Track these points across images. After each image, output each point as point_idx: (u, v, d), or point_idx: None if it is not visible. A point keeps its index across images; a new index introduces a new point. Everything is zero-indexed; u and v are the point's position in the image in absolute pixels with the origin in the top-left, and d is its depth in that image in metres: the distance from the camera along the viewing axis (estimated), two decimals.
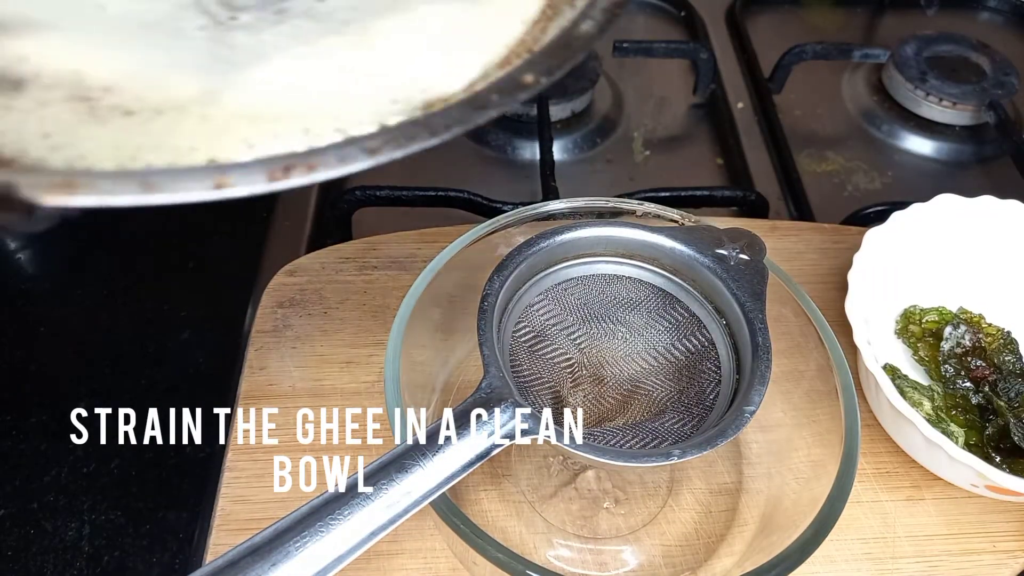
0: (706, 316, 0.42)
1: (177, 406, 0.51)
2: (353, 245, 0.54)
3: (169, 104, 0.26)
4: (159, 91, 0.27)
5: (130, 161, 0.24)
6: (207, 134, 0.25)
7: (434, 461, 0.32)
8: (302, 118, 0.26)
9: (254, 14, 0.31)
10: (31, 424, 0.50)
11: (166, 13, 0.30)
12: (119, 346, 0.54)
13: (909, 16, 0.85)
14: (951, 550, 0.43)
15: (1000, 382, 0.47)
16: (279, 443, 0.45)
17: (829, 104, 0.76)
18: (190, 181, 0.21)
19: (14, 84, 0.27)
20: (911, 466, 0.45)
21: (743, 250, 0.41)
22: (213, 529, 0.42)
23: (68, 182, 0.21)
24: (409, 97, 0.27)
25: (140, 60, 0.28)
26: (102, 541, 0.45)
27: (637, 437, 0.39)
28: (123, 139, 0.25)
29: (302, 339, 0.49)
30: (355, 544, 0.30)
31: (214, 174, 0.22)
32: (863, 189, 0.69)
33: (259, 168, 0.22)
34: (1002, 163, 0.70)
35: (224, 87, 0.27)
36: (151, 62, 0.28)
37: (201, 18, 0.30)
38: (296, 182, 0.22)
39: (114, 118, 0.26)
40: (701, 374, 0.41)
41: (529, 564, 0.33)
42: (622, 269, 0.43)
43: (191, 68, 0.28)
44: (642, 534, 0.43)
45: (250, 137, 0.25)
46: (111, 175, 0.21)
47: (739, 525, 0.43)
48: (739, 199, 0.63)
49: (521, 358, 0.41)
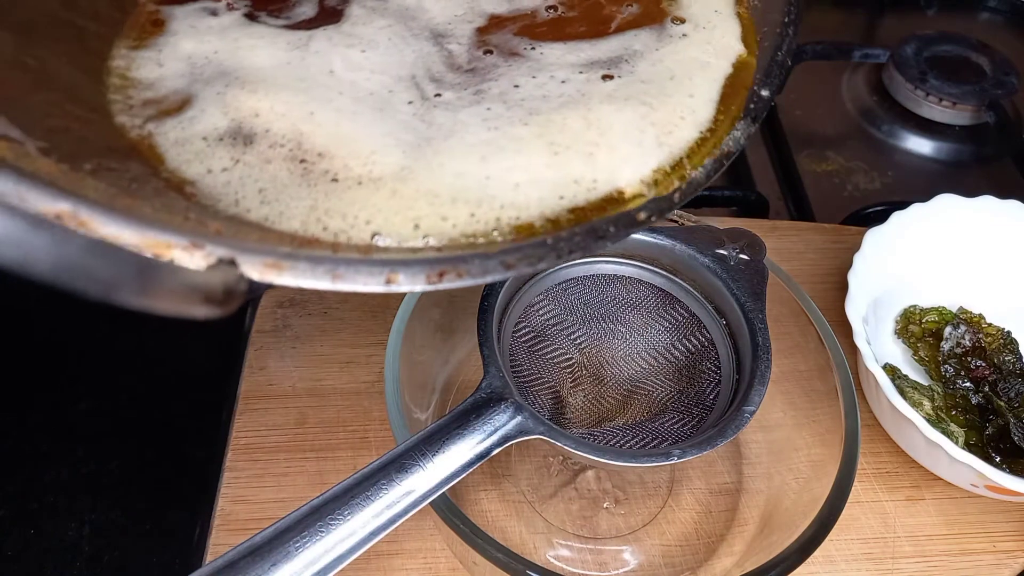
0: (706, 316, 0.42)
1: (177, 406, 0.51)
2: None
3: (369, 177, 0.29)
4: (364, 163, 0.29)
5: (314, 223, 0.27)
6: (389, 209, 0.27)
7: (434, 461, 0.32)
8: (474, 204, 0.28)
9: (457, 92, 0.32)
10: (31, 424, 0.50)
11: (383, 85, 0.32)
12: (119, 346, 0.54)
13: (909, 16, 0.85)
14: (951, 550, 0.43)
15: (1000, 382, 0.47)
16: (279, 443, 0.45)
17: (829, 104, 0.76)
18: (368, 276, 0.24)
19: (246, 139, 0.29)
20: (911, 466, 0.45)
21: (743, 250, 0.41)
22: (213, 529, 0.42)
23: (276, 264, 0.23)
24: (575, 195, 0.29)
25: (354, 130, 0.30)
26: (102, 541, 0.45)
27: (637, 437, 0.39)
28: (320, 202, 0.28)
29: (302, 339, 0.49)
30: (355, 544, 0.30)
31: (387, 271, 0.24)
32: (863, 189, 0.69)
33: (421, 270, 0.25)
34: (1002, 163, 0.70)
35: (419, 166, 0.29)
36: (364, 133, 0.30)
37: (412, 92, 0.32)
38: (445, 286, 0.25)
39: (323, 183, 0.28)
40: (701, 374, 0.42)
41: (529, 564, 0.33)
42: (622, 269, 0.43)
43: (394, 144, 0.30)
44: (642, 534, 0.43)
45: (421, 217, 0.27)
46: (310, 261, 0.24)
47: (739, 525, 0.43)
48: (739, 199, 0.63)
49: (521, 358, 0.41)
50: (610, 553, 0.43)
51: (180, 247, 0.22)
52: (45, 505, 0.46)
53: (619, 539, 0.43)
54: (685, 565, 0.42)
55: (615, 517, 0.44)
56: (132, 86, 0.32)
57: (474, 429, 0.34)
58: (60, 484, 0.47)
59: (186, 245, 0.22)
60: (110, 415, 0.50)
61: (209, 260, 0.22)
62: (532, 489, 0.45)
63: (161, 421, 0.50)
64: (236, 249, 0.23)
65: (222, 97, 0.30)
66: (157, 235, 0.22)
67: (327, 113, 0.30)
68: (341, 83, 0.32)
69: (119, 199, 0.24)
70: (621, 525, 0.43)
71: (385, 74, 0.33)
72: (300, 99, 0.30)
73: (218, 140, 0.29)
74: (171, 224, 0.23)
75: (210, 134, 0.30)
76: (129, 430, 0.50)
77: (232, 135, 0.30)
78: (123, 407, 0.51)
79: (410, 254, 0.26)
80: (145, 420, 0.50)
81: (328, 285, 0.24)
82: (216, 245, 0.22)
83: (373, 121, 0.31)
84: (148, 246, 0.21)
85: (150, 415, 0.51)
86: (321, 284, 0.24)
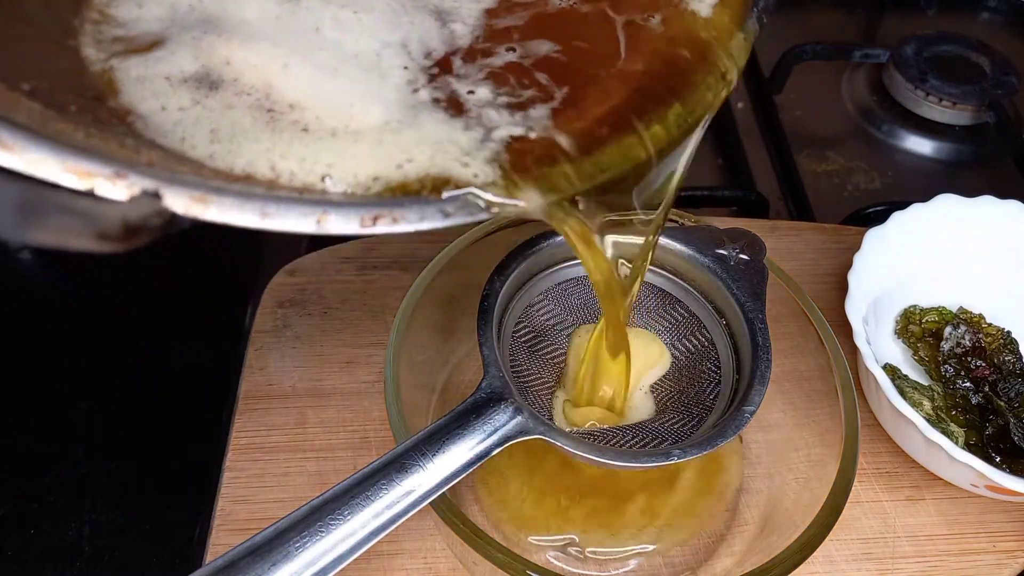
0: (706, 316, 0.42)
1: (177, 406, 0.51)
2: (353, 245, 0.54)
3: (346, 129, 0.28)
4: (340, 117, 0.28)
5: (263, 164, 0.26)
6: (358, 159, 0.27)
7: (434, 461, 0.32)
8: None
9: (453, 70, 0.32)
10: (31, 424, 0.50)
11: (371, 48, 0.31)
12: (119, 346, 0.54)
13: (909, 16, 0.85)
14: (951, 550, 0.43)
15: (1000, 382, 0.47)
16: (279, 443, 0.45)
17: (829, 104, 0.76)
18: (299, 216, 0.23)
19: (212, 84, 0.28)
20: (911, 466, 0.45)
21: (743, 250, 0.41)
22: (213, 529, 0.42)
23: (203, 198, 0.22)
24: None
25: (331, 86, 0.29)
26: (102, 541, 0.45)
27: (637, 437, 0.39)
28: (278, 146, 0.27)
29: (302, 339, 0.49)
30: (355, 544, 0.30)
31: (319, 212, 0.23)
32: (863, 189, 0.69)
33: (355, 213, 0.24)
34: (1002, 163, 0.70)
35: (404, 125, 0.28)
36: (341, 90, 0.29)
37: (404, 59, 0.31)
38: (380, 230, 0.24)
39: (290, 130, 0.27)
40: (701, 374, 0.42)
41: (529, 564, 0.33)
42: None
43: (376, 101, 0.29)
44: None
45: (381, 170, 0.26)
46: (239, 196, 0.23)
47: (739, 525, 0.43)
48: (739, 199, 0.63)
49: (521, 358, 0.41)
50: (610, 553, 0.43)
51: (103, 176, 0.21)
52: (45, 505, 0.46)
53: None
54: (685, 565, 0.42)
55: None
56: (106, 22, 0.31)
57: (474, 429, 0.34)
58: (60, 484, 0.47)
59: (109, 175, 0.21)
60: (110, 415, 0.50)
61: (132, 191, 0.21)
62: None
63: (161, 421, 0.50)
64: (161, 181, 0.22)
65: (196, 42, 0.29)
66: (79, 162, 0.21)
67: (302, 68, 0.29)
68: (324, 41, 0.31)
69: (52, 123, 0.23)
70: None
71: (374, 38, 0.32)
72: (276, 52, 0.30)
73: (182, 82, 0.28)
74: (99, 150, 0.22)
75: (174, 75, 0.28)
76: (129, 430, 0.50)
77: (198, 79, 0.29)
78: (123, 407, 0.51)
79: (346, 198, 0.26)
80: (145, 420, 0.50)
81: (256, 222, 0.23)
82: (141, 176, 0.21)
83: (355, 80, 0.30)
84: (69, 172, 0.20)
85: (150, 415, 0.51)
86: (249, 221, 0.23)
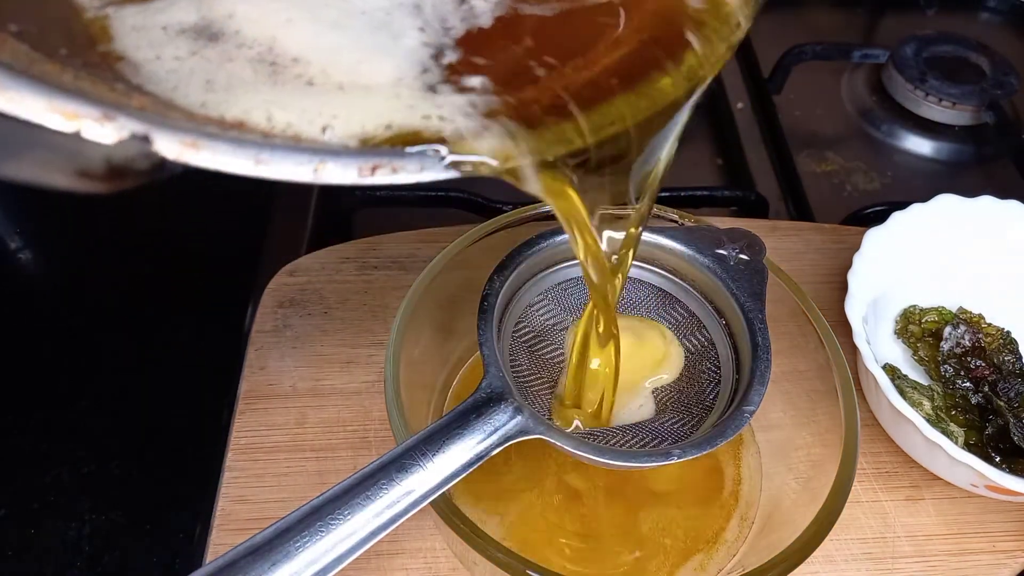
0: (706, 316, 0.42)
1: (177, 406, 0.51)
2: (353, 245, 0.54)
3: (355, 84, 0.27)
4: (347, 72, 0.27)
5: (260, 114, 0.25)
6: (365, 111, 0.26)
7: (434, 461, 0.32)
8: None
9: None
10: (31, 424, 0.50)
11: (379, 7, 0.30)
12: (119, 346, 0.54)
13: (909, 16, 0.85)
14: (950, 550, 0.43)
15: (1000, 382, 0.47)
16: (279, 443, 0.45)
17: (829, 104, 0.76)
18: (295, 164, 0.23)
19: (212, 36, 0.28)
20: (911, 466, 0.45)
21: (743, 250, 0.41)
22: (213, 529, 0.42)
23: (195, 143, 0.22)
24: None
25: (337, 41, 0.28)
26: (102, 541, 0.45)
27: (637, 437, 0.39)
28: (279, 97, 0.26)
29: (302, 339, 0.49)
30: (355, 544, 0.30)
31: (316, 160, 0.23)
32: (863, 189, 0.69)
33: (353, 162, 0.23)
34: (1002, 163, 0.70)
35: (419, 81, 0.27)
36: (349, 45, 0.28)
37: (416, 20, 0.30)
38: (379, 180, 0.23)
39: (293, 83, 0.26)
40: (701, 374, 0.42)
41: (529, 564, 0.33)
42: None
43: (386, 57, 0.28)
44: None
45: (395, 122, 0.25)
46: (233, 142, 0.22)
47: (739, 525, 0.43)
48: (739, 199, 0.63)
49: (521, 358, 0.41)
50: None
51: (91, 118, 0.20)
52: (45, 505, 0.46)
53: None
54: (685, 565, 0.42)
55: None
56: None
57: (474, 429, 0.34)
58: (60, 484, 0.47)
59: (98, 116, 0.20)
60: (110, 415, 0.50)
61: (121, 134, 0.21)
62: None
63: (161, 421, 0.50)
64: (152, 124, 0.21)
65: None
66: (66, 103, 0.20)
67: (309, 23, 0.29)
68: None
69: (38, 64, 0.23)
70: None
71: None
72: (281, 5, 0.29)
73: (179, 32, 0.28)
74: (88, 92, 0.22)
75: (172, 26, 0.28)
76: (129, 430, 0.50)
77: (197, 31, 0.28)
78: (123, 407, 0.51)
79: (345, 148, 0.25)
80: (145, 420, 0.50)
81: (250, 169, 0.22)
82: (131, 119, 0.21)
83: (364, 36, 0.29)
84: (54, 112, 0.20)
85: (150, 415, 0.51)
86: (242, 167, 0.22)
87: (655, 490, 0.44)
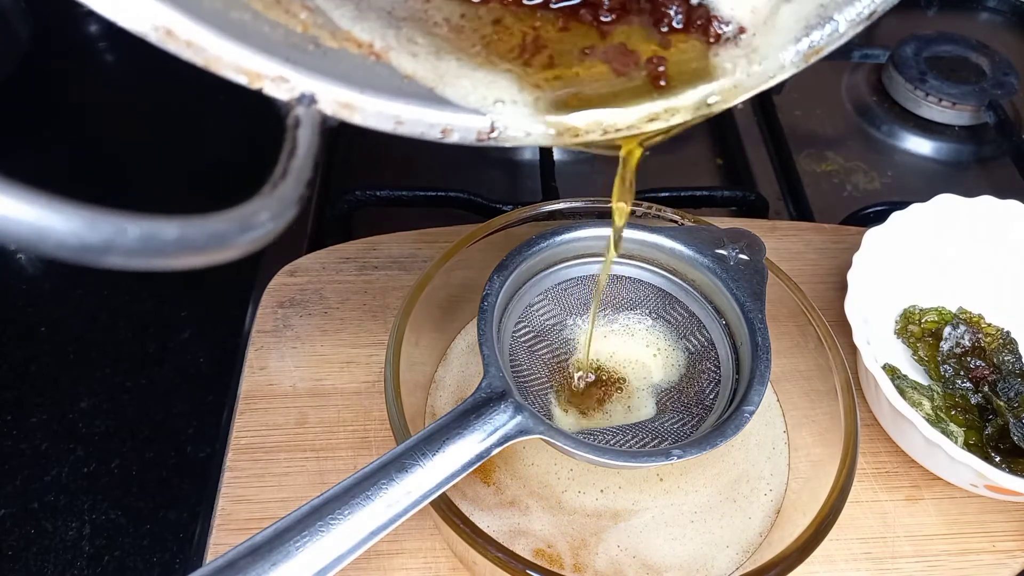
0: (706, 316, 0.42)
1: (177, 406, 0.51)
2: (353, 245, 0.54)
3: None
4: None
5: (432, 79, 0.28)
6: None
7: (434, 461, 0.32)
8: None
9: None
10: (31, 424, 0.50)
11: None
12: (119, 346, 0.54)
13: (909, 16, 0.85)
14: (950, 550, 0.43)
15: (1000, 382, 0.47)
16: (279, 443, 0.45)
17: (829, 104, 0.76)
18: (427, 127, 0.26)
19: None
20: (911, 466, 0.45)
21: (743, 250, 0.41)
22: (213, 529, 0.42)
23: (348, 104, 0.25)
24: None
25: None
26: (102, 541, 0.45)
27: (637, 437, 0.39)
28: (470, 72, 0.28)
29: (302, 339, 0.49)
30: (355, 544, 0.30)
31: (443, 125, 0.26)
32: (863, 189, 0.69)
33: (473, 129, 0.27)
34: (1002, 163, 0.70)
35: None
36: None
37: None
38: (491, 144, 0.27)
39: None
40: (701, 374, 0.42)
41: (529, 564, 0.33)
42: (622, 269, 0.43)
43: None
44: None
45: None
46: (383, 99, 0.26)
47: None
48: (739, 199, 0.63)
49: (521, 358, 0.41)
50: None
51: (269, 79, 0.24)
52: (45, 505, 0.46)
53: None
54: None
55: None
56: None
57: (474, 429, 0.34)
58: (60, 484, 0.47)
59: (275, 78, 0.24)
60: (110, 415, 0.50)
61: (293, 95, 0.24)
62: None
63: (161, 421, 0.50)
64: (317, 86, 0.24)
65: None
66: (250, 64, 0.23)
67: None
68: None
69: (233, 11, 0.25)
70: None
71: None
72: None
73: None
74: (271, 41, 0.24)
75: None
76: (129, 430, 0.50)
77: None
78: (123, 407, 0.51)
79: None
80: (145, 420, 0.50)
81: (389, 129, 0.26)
82: (302, 79, 0.24)
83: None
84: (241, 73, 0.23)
85: (150, 415, 0.51)
86: (384, 126, 0.26)
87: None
